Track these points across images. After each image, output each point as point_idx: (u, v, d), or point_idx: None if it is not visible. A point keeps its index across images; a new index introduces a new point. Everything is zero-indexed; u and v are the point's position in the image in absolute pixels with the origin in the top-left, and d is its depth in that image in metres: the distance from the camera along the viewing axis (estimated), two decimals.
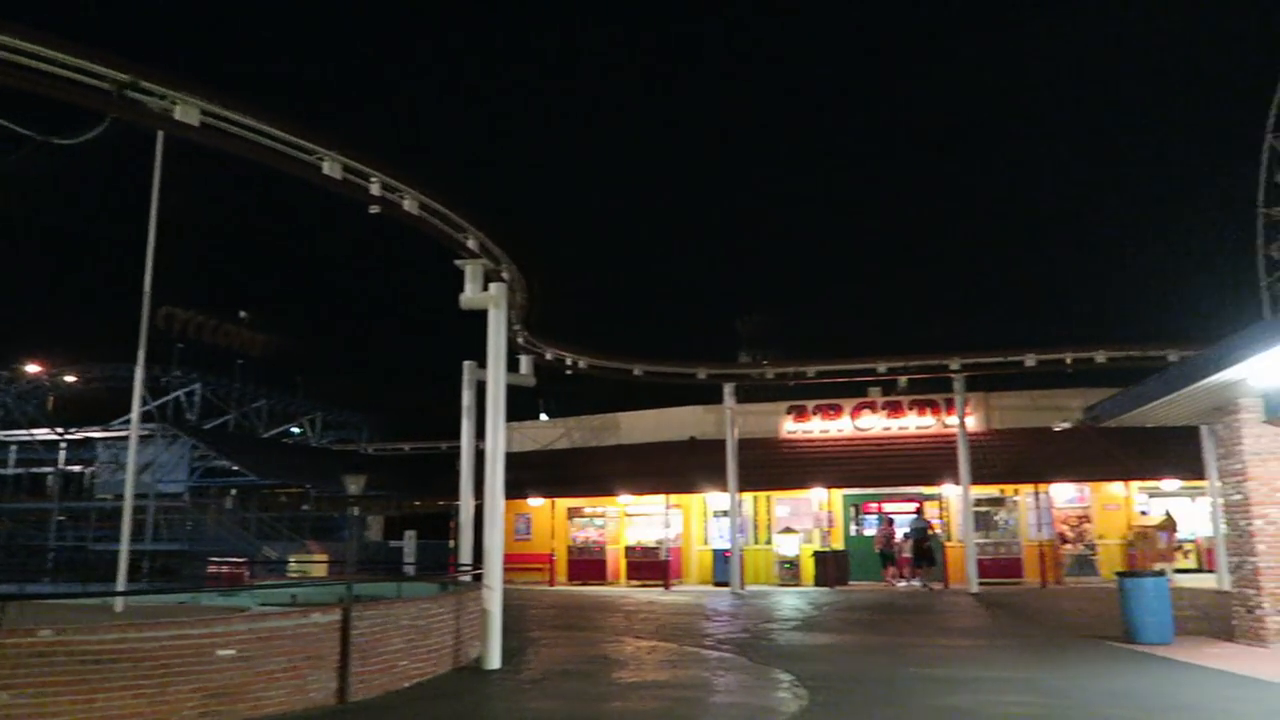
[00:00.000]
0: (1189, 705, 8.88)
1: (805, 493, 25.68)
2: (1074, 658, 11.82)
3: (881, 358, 23.79)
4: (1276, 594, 12.30)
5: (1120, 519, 24.81)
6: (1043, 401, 25.91)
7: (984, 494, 24.41)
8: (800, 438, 27.52)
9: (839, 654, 12.90)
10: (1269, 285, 47.50)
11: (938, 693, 9.65)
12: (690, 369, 24.49)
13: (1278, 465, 12.59)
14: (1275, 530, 12.45)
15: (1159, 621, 12.80)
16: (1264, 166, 47.86)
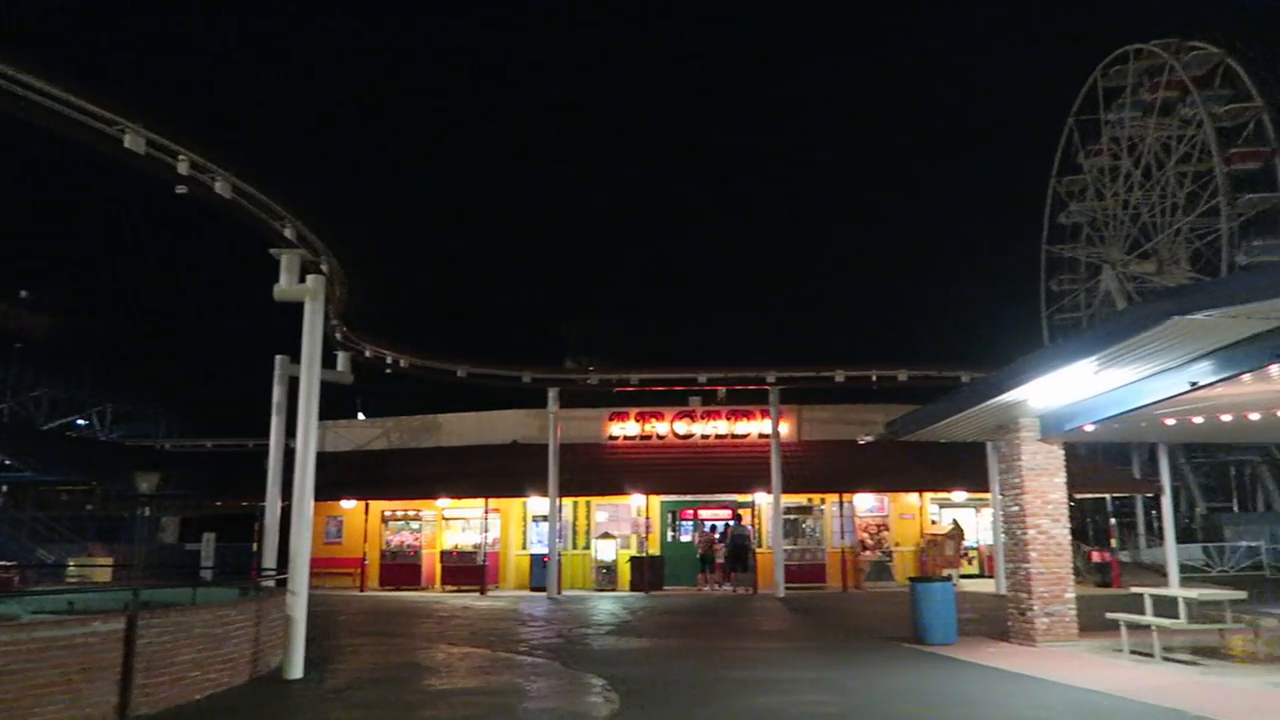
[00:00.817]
0: (968, 700, 9.57)
1: (625, 499, 26.01)
2: (869, 658, 12.51)
3: (702, 368, 24.46)
4: (1045, 597, 13.48)
5: (914, 527, 26.51)
6: (850, 415, 27.35)
7: (794, 502, 25.49)
8: (622, 444, 27.85)
9: (652, 658, 13.11)
10: (1049, 315, 52.21)
11: (744, 694, 9.98)
12: (515, 372, 24.33)
13: (1049, 480, 13.82)
14: (1046, 539, 13.65)
15: (945, 623, 13.74)
16: (1048, 207, 52.64)
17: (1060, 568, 13.68)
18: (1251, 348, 9.57)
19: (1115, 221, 48.17)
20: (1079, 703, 9.32)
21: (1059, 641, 13.27)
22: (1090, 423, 12.96)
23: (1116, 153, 47.99)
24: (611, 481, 25.71)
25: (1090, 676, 10.66)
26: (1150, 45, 45.45)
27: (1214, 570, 29.89)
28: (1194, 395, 11.20)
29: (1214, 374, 10.24)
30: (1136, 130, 46.59)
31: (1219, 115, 42.37)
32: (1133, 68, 46.48)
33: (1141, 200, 46.59)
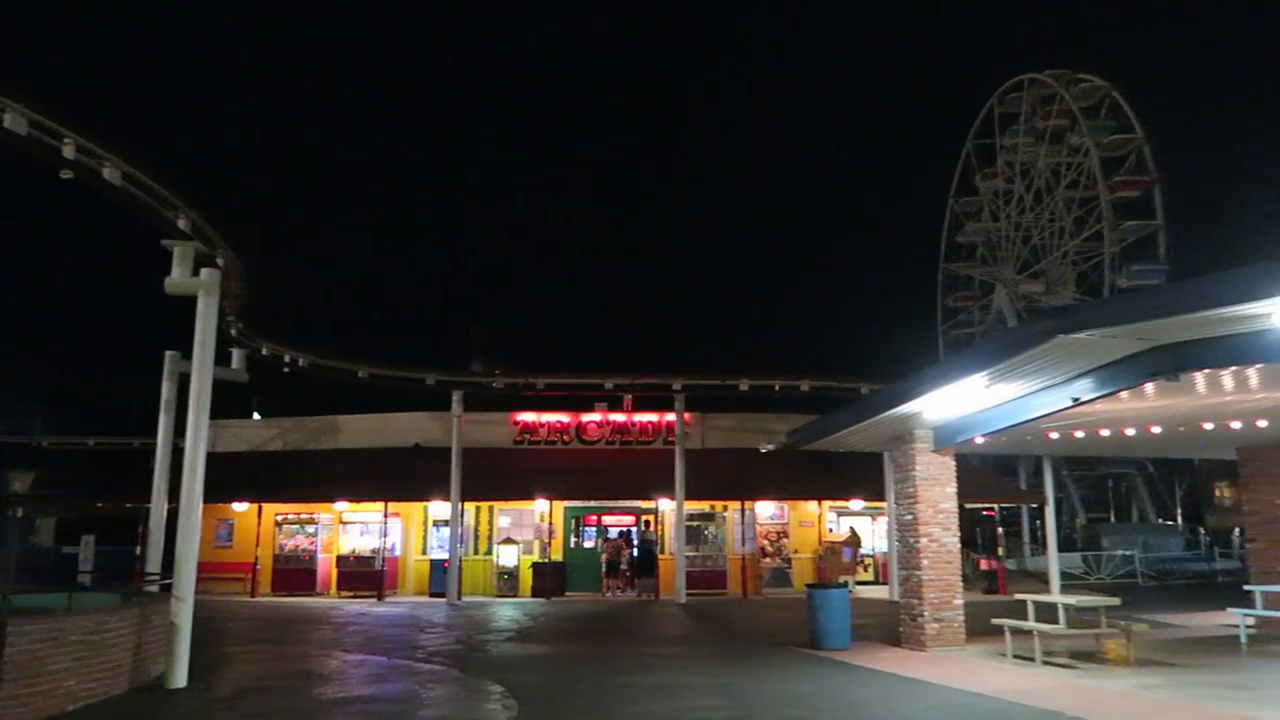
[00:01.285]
0: (860, 704, 9.81)
1: (529, 504, 25.83)
2: (766, 663, 12.70)
3: (609, 374, 24.50)
4: (935, 603, 13.92)
5: (813, 535, 27.06)
6: (753, 424, 27.77)
7: (697, 509, 25.73)
8: (527, 449, 27.67)
9: (552, 664, 13.05)
10: (945, 331, 54.08)
11: (641, 699, 10.02)
12: (419, 374, 23.94)
13: (941, 490, 14.29)
14: (937, 547, 14.11)
15: (840, 629, 14.06)
16: (946, 226, 54.54)
17: (950, 575, 14.15)
18: (1128, 366, 10.10)
19: (1008, 242, 50.21)
20: (965, 705, 9.65)
21: (948, 646, 13.72)
22: (981, 435, 13.45)
23: (1010, 176, 50.06)
24: (516, 486, 25.50)
25: (976, 680, 11.05)
26: (1043, 75, 47.59)
27: (1092, 578, 31.34)
28: (1076, 411, 11.75)
29: (1094, 391, 10.76)
30: (1029, 156, 48.69)
31: (1104, 145, 44.62)
32: (1027, 96, 48.58)
33: (1032, 223, 48.71)
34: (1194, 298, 8.38)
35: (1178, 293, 10.16)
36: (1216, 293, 8.01)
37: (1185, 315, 8.43)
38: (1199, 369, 9.55)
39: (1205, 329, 8.86)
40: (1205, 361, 9.31)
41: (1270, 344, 8.53)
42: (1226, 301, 7.90)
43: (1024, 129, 48.78)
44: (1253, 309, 7.89)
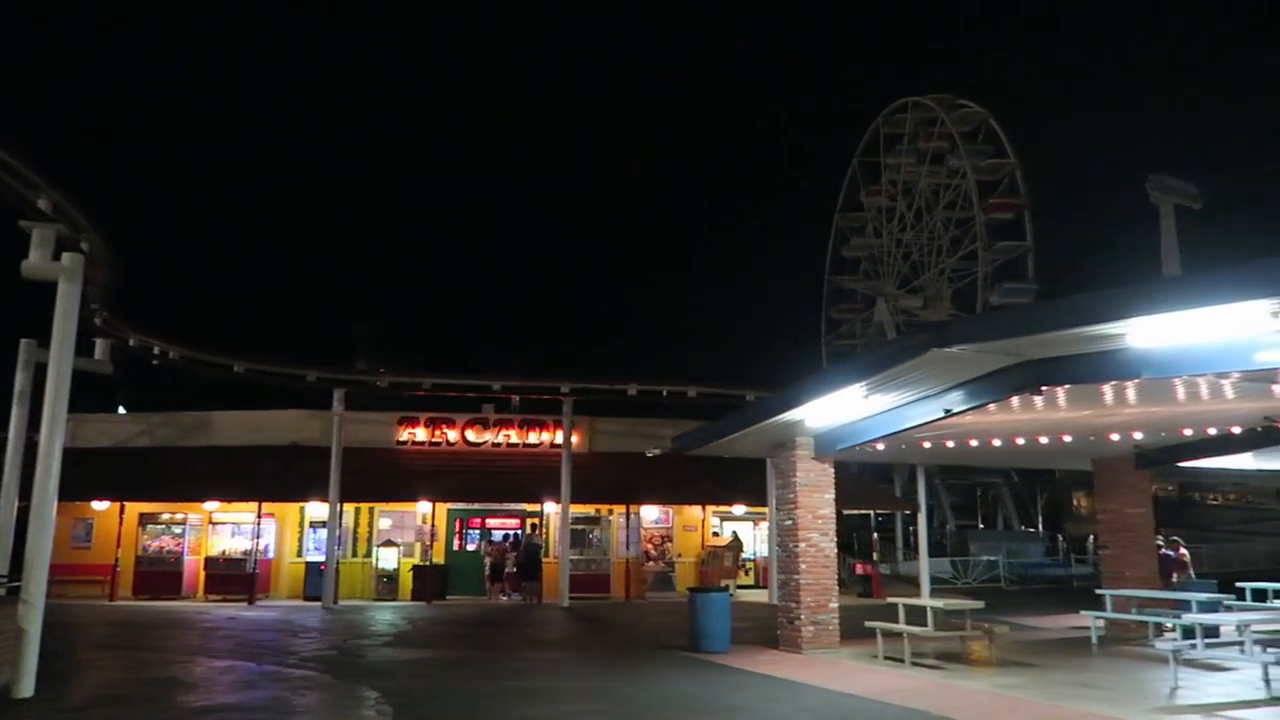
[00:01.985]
0: (736, 706, 9.97)
1: (411, 506, 25.30)
2: (646, 666, 12.78)
3: (497, 376, 24.23)
4: (812, 607, 14.28)
5: (696, 539, 27.38)
6: (640, 429, 27.92)
7: (582, 513, 25.69)
8: (411, 450, 27.11)
9: (430, 669, 12.80)
10: (829, 341, 55.63)
11: (521, 704, 9.94)
12: (299, 370, 23.16)
13: (820, 496, 14.67)
14: (815, 552, 14.47)
15: (720, 632, 14.27)
16: (832, 239, 56.14)
17: (827, 579, 14.54)
18: (997, 380, 10.59)
19: (890, 258, 52.07)
20: (836, 705, 9.93)
21: (823, 649, 14.08)
22: (859, 443, 13.88)
23: (894, 194, 51.94)
24: (398, 487, 24.95)
25: (848, 681, 11.38)
26: (926, 99, 49.57)
27: (960, 582, 32.71)
28: (948, 421, 12.24)
29: (965, 402, 11.24)
30: (911, 175, 50.63)
31: (980, 168, 46.77)
32: (911, 117, 50.52)
33: (913, 240, 50.66)
34: (1057, 317, 8.85)
35: (1042, 312, 10.73)
36: (1077, 313, 8.48)
37: (1048, 333, 8.89)
38: (1060, 384, 10.09)
39: (1067, 346, 9.36)
40: (1066, 377, 9.84)
41: (1125, 362, 9.08)
42: (1086, 321, 8.37)
43: (907, 149, 50.70)
44: (1109, 329, 8.38)
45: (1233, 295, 7.19)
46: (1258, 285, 7.00)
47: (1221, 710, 9.61)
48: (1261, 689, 10.56)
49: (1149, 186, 43.68)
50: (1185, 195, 43.98)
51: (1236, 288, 7.16)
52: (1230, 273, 7.33)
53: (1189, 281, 9.18)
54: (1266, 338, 7.91)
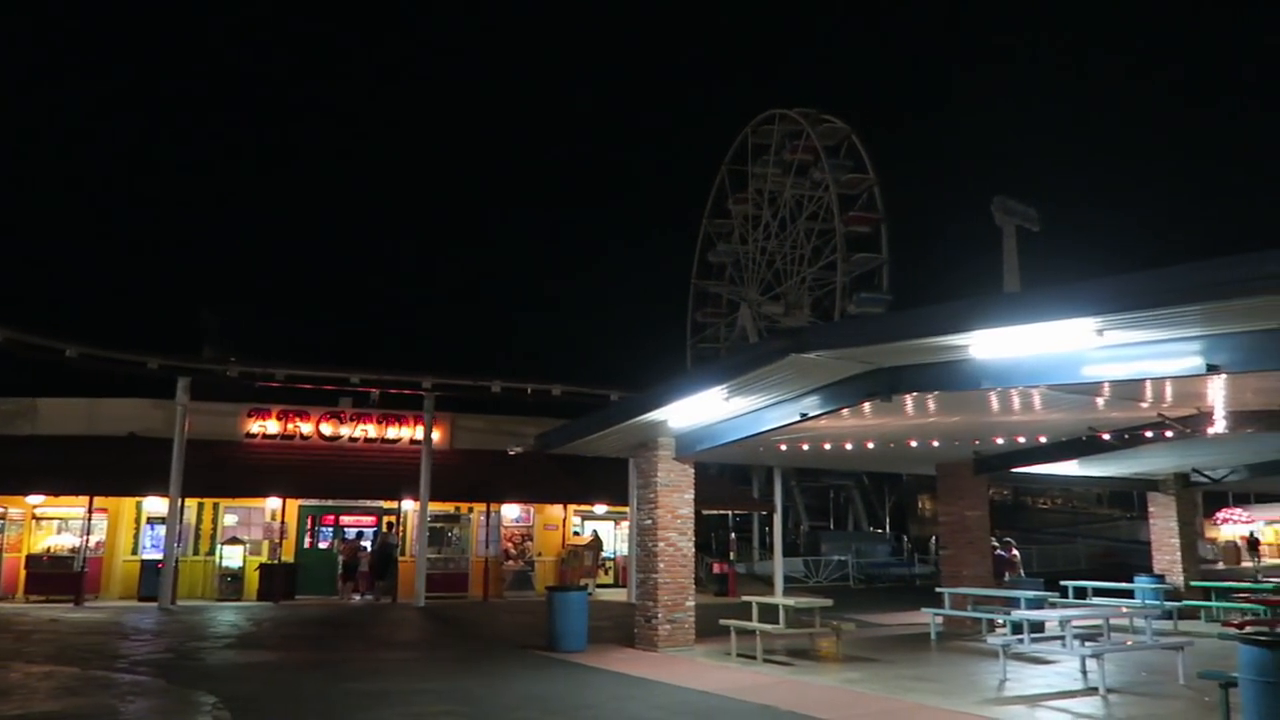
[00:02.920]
0: (590, 704, 9.99)
1: (260, 502, 24.24)
2: (501, 666, 12.65)
3: (356, 369, 23.54)
4: (669, 605, 14.46)
5: (557, 538, 27.31)
6: (503, 426, 27.66)
7: (441, 511, 25.22)
8: (261, 444, 25.97)
9: (274, 672, 12.29)
10: (693, 344, 56.54)
11: (370, 706, 9.66)
12: (140, 357, 21.86)
13: (680, 496, 14.88)
14: (673, 551, 14.67)
15: (577, 631, 14.28)
16: (699, 244, 57.11)
17: (684, 578, 14.76)
18: (850, 386, 10.99)
19: (754, 264, 53.38)
20: (689, 703, 10.08)
21: (678, 647, 14.28)
22: (719, 444, 14.14)
23: (759, 203, 53.28)
24: (246, 482, 23.84)
25: (702, 679, 11.58)
26: (793, 112, 51.07)
27: (811, 581, 33.82)
28: (804, 425, 12.63)
29: (820, 407, 11.61)
30: (777, 185, 52.05)
31: (842, 182, 48.51)
32: (778, 129, 51.93)
33: (776, 248, 52.10)
34: (906, 327, 9.26)
35: (893, 322, 11.21)
36: (924, 324, 8.89)
37: (898, 342, 9.28)
38: (909, 392, 10.56)
39: (915, 356, 9.81)
40: (914, 385, 10.30)
41: (968, 373, 9.58)
42: (932, 332, 8.79)
43: (773, 160, 52.07)
44: (955, 340, 8.83)
45: (1063, 313, 7.69)
46: (1085, 304, 7.51)
47: (1043, 700, 10.27)
48: (1079, 680, 11.35)
49: (993, 208, 46.28)
50: (1026, 218, 46.80)
51: (1066, 306, 7.65)
52: (1061, 292, 7.84)
53: (1025, 298, 9.78)
54: (1092, 353, 8.50)
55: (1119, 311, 7.34)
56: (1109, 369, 8.61)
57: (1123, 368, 8.53)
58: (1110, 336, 7.96)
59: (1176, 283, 6.89)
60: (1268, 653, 7.06)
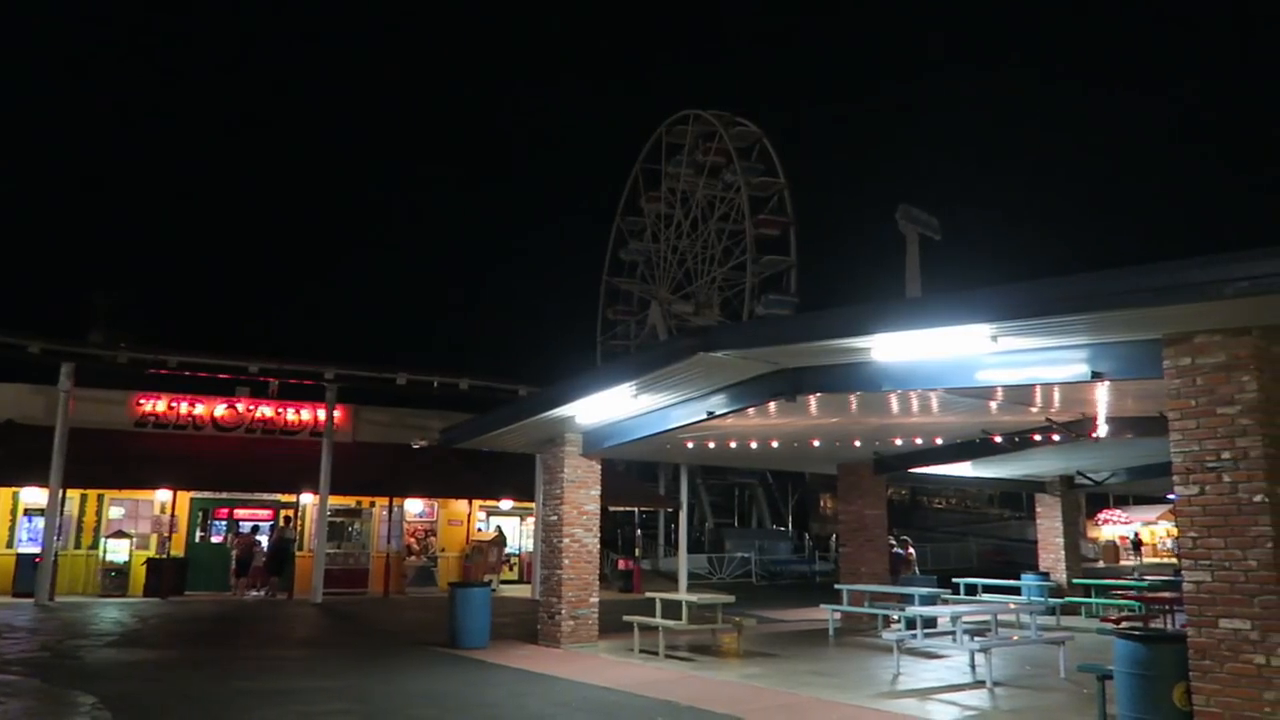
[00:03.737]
0: (490, 702, 9.90)
1: (149, 494, 23.27)
2: (400, 663, 12.43)
3: (255, 358, 22.80)
4: (573, 602, 14.44)
5: (462, 534, 26.99)
6: (408, 420, 27.20)
7: (342, 505, 24.65)
8: (152, 434, 24.95)
9: (160, 671, 11.81)
10: (604, 341, 56.54)
11: (260, 706, 9.37)
12: (19, 341, 20.72)
13: (586, 492, 14.87)
14: (578, 547, 14.65)
15: (479, 627, 14.13)
16: (611, 241, 57.13)
17: (588, 574, 14.75)
18: (757, 386, 11.15)
19: (665, 263, 53.66)
20: (590, 699, 10.08)
21: (581, 643, 14.27)
22: (627, 441, 14.17)
23: (672, 202, 53.58)
24: (134, 473, 22.84)
25: (604, 675, 11.59)
26: (707, 113, 51.50)
27: (715, 577, 34.21)
28: (711, 423, 12.77)
29: (727, 406, 11.76)
30: (689, 185, 52.41)
31: (753, 185, 49.14)
32: (691, 130, 52.30)
33: (688, 248, 52.47)
34: (811, 329, 9.44)
35: (799, 324, 11.42)
36: (828, 327, 9.09)
37: (803, 344, 9.46)
38: (812, 392, 10.77)
39: (820, 357, 10.01)
40: (818, 386, 10.51)
41: (870, 375, 9.82)
42: (835, 335, 8.98)
43: (686, 160, 52.44)
44: (856, 343, 9.03)
45: (960, 319, 7.95)
46: (980, 311, 7.78)
47: (934, 694, 10.60)
48: (968, 674, 11.76)
49: (897, 216, 47.52)
50: (928, 226, 48.19)
51: (963, 312, 7.92)
52: (958, 298, 8.10)
53: (925, 304, 10.07)
54: (987, 359, 8.81)
55: (1012, 319, 7.63)
56: (1002, 374, 8.94)
57: (1014, 373, 8.86)
58: (1004, 342, 8.26)
59: (1065, 292, 7.20)
60: (1141, 646, 7.43)
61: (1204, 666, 7.01)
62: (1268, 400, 7.03)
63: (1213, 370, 7.19)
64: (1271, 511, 6.85)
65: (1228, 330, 7.12)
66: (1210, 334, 7.21)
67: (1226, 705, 6.84)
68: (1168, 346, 7.46)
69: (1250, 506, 6.92)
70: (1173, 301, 6.59)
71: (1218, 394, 7.15)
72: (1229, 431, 7.07)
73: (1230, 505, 7.02)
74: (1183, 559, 7.35)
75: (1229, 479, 7.04)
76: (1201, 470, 7.20)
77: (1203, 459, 7.19)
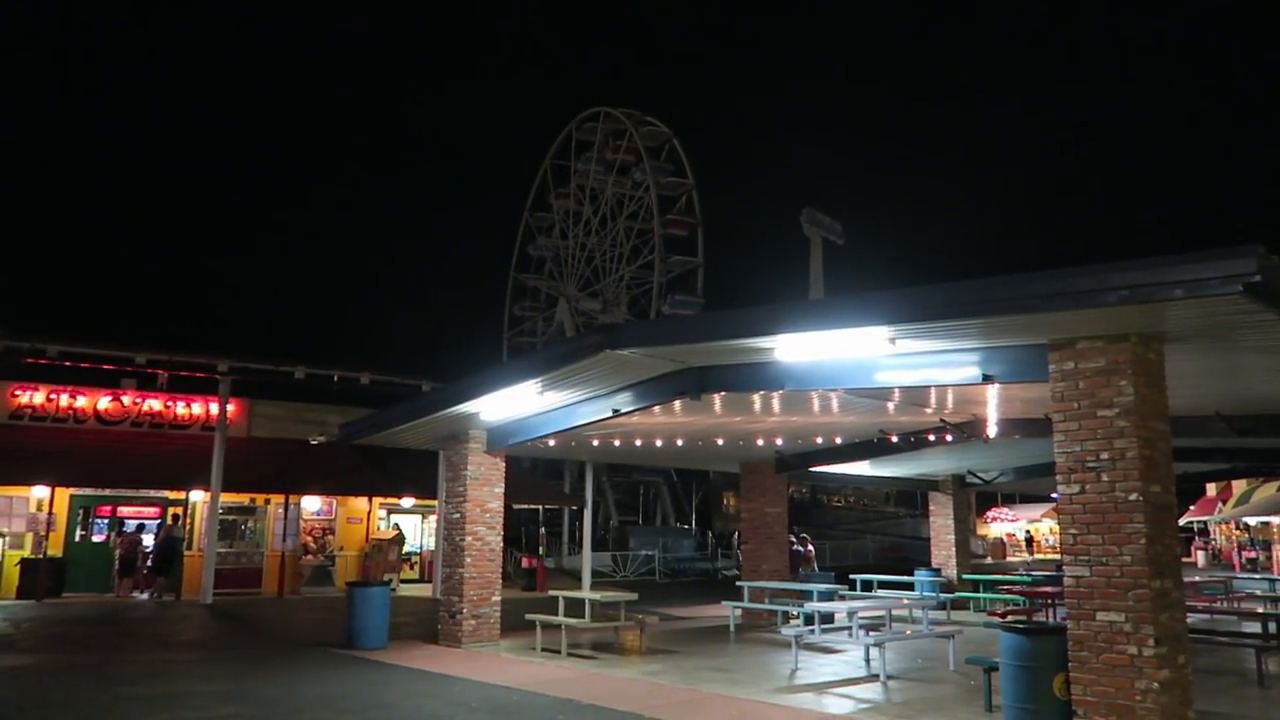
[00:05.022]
0: (387, 703, 9.71)
1: (25, 490, 22.05)
2: (295, 665, 12.09)
3: (142, 349, 21.85)
4: (474, 600, 14.28)
5: (361, 532, 26.39)
6: (307, 414, 26.41)
7: (235, 502, 23.83)
8: (29, 426, 23.64)
9: (31, 676, 11.21)
10: (510, 337, 56.09)
11: (145, 711, 8.99)
12: None
13: (490, 490, 14.73)
14: (481, 545, 14.50)
15: (377, 627, 13.86)
16: (520, 237, 56.72)
17: (491, 572, 14.61)
18: (663, 384, 11.22)
19: (573, 260, 53.54)
20: (489, 699, 9.98)
21: (483, 642, 14.13)
22: (532, 439, 14.09)
23: (581, 199, 53.48)
24: (9, 469, 21.60)
25: (505, 674, 11.50)
26: (617, 111, 51.56)
27: (619, 575, 34.31)
28: (617, 421, 12.78)
29: (633, 404, 11.79)
30: (598, 183, 52.41)
31: (661, 185, 49.43)
32: (601, 127, 52.29)
33: (596, 245, 52.46)
34: (716, 328, 9.54)
35: (704, 323, 11.53)
36: (732, 326, 9.20)
37: (708, 343, 9.55)
38: (717, 391, 10.89)
39: (724, 356, 10.13)
40: (723, 385, 10.63)
41: (773, 374, 9.98)
42: (740, 334, 9.09)
43: (596, 158, 52.42)
44: (759, 343, 9.17)
45: (859, 321, 8.15)
46: (879, 313, 7.99)
47: (830, 687, 10.85)
48: (864, 668, 12.08)
49: (802, 219, 48.44)
50: (832, 231, 49.28)
51: (862, 314, 8.12)
52: (858, 300, 8.30)
53: (826, 305, 10.29)
54: (885, 360, 9.07)
55: (908, 321, 7.86)
56: (899, 375, 9.20)
57: (911, 374, 9.14)
58: (902, 345, 8.51)
59: (957, 297, 7.45)
60: (1024, 639, 7.75)
61: (1082, 657, 7.35)
62: (1143, 404, 7.42)
63: (1093, 374, 7.55)
64: (1145, 509, 7.24)
65: (1108, 337, 7.49)
66: (1092, 340, 7.57)
67: (1102, 694, 7.20)
68: (1053, 351, 7.80)
69: (1126, 505, 7.30)
70: (1057, 309, 6.89)
71: (1098, 397, 7.51)
72: (1107, 433, 7.44)
73: (1108, 503, 7.39)
74: (1064, 554, 7.70)
75: (1107, 478, 7.41)
76: (1082, 470, 7.55)
77: (1083, 459, 7.55)
